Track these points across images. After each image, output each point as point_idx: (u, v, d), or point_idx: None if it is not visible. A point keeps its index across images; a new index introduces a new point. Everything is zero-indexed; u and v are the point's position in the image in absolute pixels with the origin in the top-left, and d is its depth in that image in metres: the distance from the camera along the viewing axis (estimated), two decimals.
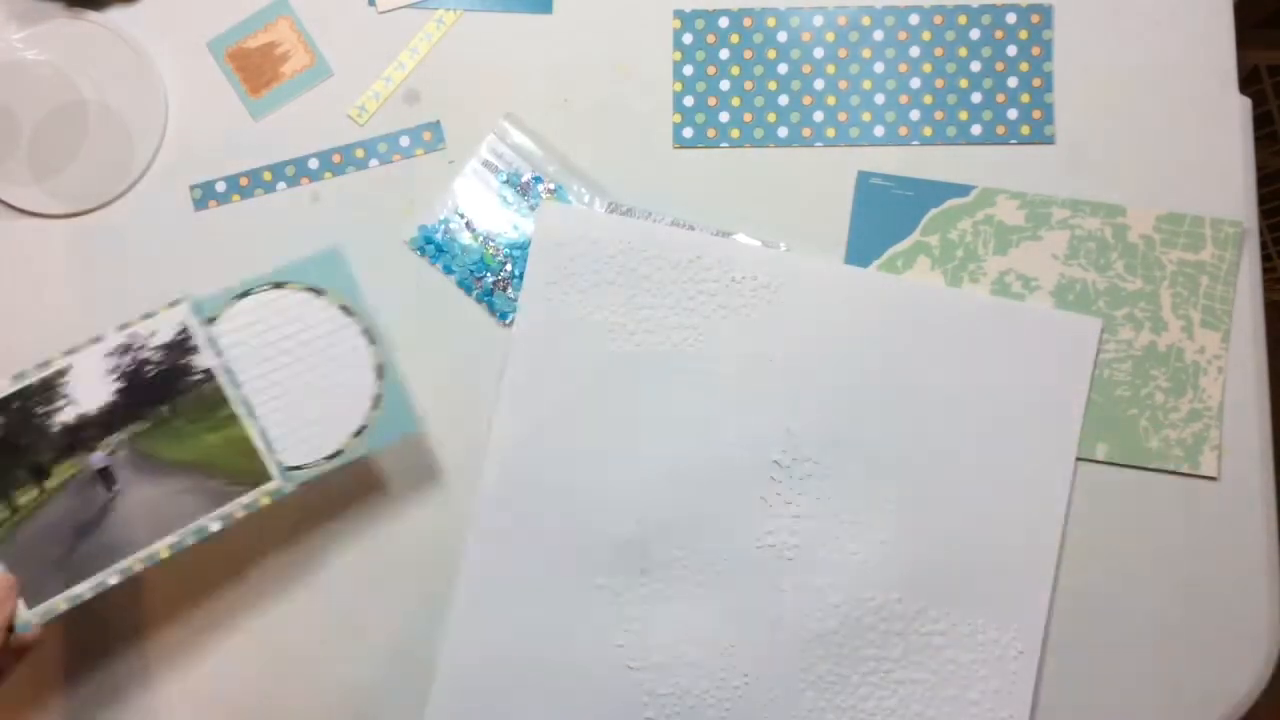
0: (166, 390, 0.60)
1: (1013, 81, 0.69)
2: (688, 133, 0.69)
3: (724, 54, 0.70)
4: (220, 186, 0.70)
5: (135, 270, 0.69)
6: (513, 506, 0.66)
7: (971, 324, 0.66)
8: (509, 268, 0.69)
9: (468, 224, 0.69)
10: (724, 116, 0.69)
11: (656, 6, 0.70)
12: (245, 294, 0.61)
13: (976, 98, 0.69)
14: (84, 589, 0.59)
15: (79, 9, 0.70)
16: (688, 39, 0.70)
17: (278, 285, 0.62)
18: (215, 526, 0.60)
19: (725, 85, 0.69)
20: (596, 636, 0.66)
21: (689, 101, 0.70)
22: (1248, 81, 0.98)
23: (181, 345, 0.60)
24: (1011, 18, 0.69)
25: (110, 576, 0.59)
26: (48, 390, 0.59)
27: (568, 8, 0.70)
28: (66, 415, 0.59)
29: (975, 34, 0.69)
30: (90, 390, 0.60)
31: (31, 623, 0.57)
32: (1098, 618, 0.65)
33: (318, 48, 0.70)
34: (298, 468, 0.61)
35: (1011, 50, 0.69)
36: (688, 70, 0.70)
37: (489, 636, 0.66)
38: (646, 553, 0.66)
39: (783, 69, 0.69)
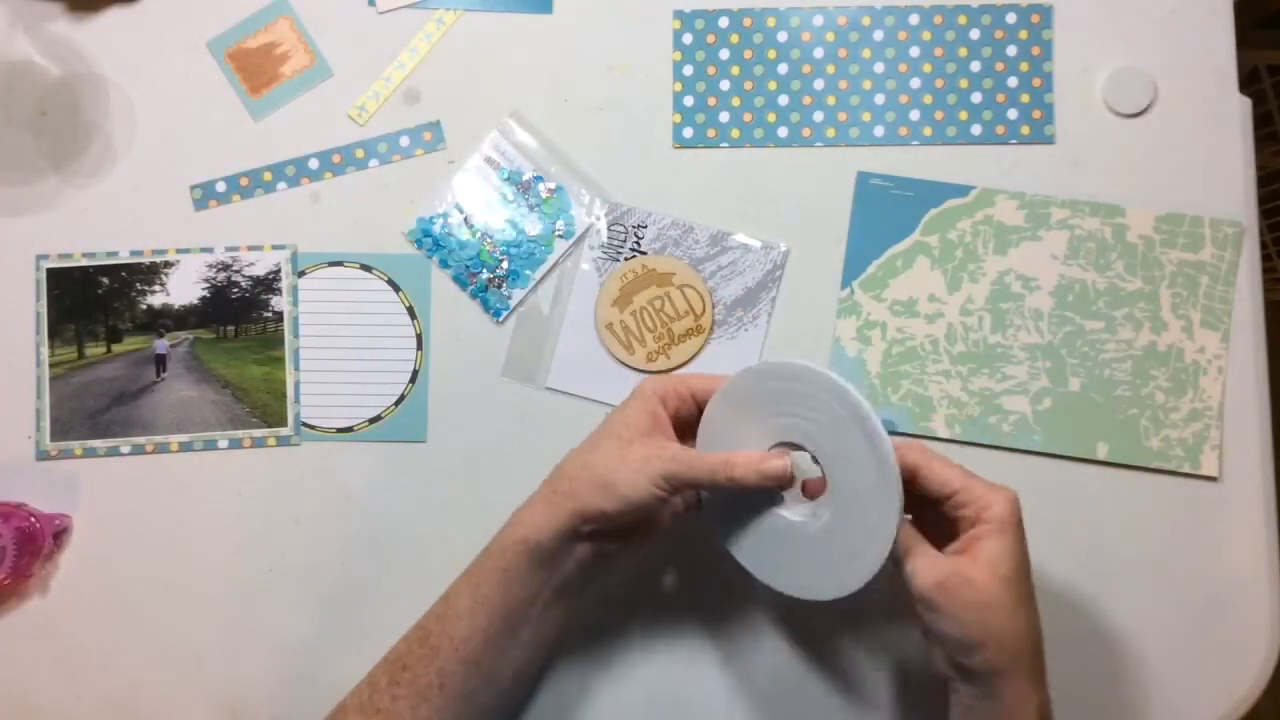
0: (240, 315, 0.69)
1: (1013, 81, 0.69)
2: (688, 133, 0.69)
3: (724, 54, 0.70)
4: (220, 186, 0.70)
5: None
6: None
7: None
8: (504, 265, 0.69)
9: (466, 219, 0.69)
10: (724, 116, 0.69)
11: (656, 6, 0.70)
12: (338, 264, 0.69)
13: (976, 98, 0.69)
14: (99, 445, 0.68)
15: (79, 9, 0.70)
16: (688, 39, 0.70)
17: (365, 268, 0.68)
18: (223, 444, 0.68)
19: (725, 85, 0.69)
20: None
21: (689, 101, 0.70)
22: (1248, 81, 0.98)
23: (269, 284, 0.69)
24: (1011, 18, 0.69)
25: (124, 446, 0.68)
26: (153, 273, 0.69)
27: (568, 8, 0.70)
28: (155, 299, 0.69)
29: (975, 34, 0.69)
30: (183, 288, 0.69)
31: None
32: (1098, 618, 0.65)
33: (318, 48, 0.70)
34: (312, 427, 0.68)
35: (1011, 50, 0.69)
36: (688, 70, 0.70)
37: None
38: None
39: (783, 69, 0.69)
